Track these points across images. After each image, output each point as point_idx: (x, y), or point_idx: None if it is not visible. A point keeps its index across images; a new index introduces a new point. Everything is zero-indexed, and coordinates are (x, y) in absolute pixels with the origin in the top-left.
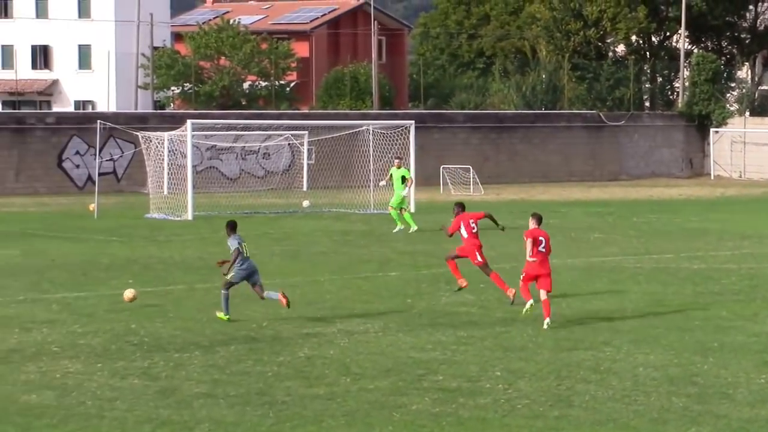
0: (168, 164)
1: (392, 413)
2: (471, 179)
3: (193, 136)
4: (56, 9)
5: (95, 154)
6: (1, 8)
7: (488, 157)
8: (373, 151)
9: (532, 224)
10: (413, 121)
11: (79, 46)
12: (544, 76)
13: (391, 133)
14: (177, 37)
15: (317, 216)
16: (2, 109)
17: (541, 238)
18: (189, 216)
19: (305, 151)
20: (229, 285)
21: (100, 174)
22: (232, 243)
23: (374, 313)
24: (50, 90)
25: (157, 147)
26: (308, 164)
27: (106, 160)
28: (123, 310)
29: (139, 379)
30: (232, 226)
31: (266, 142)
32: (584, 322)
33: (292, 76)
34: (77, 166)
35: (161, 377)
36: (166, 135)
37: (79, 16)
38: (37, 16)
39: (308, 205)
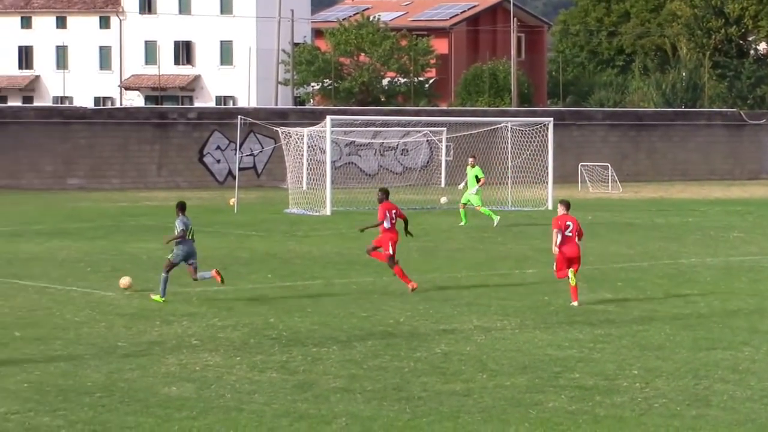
0: (307, 160)
1: (528, 410)
2: (609, 177)
3: (332, 131)
4: (199, 5)
5: (236, 149)
6: (145, 5)
7: (627, 155)
8: (512, 148)
9: (561, 210)
10: (552, 119)
11: (221, 42)
12: (684, 74)
13: (529, 130)
14: (317, 33)
15: (455, 212)
16: (145, 104)
17: (568, 222)
18: (327, 211)
19: (443, 148)
20: (170, 266)
21: (240, 169)
22: (179, 223)
23: (511, 309)
24: (192, 85)
25: (296, 142)
26: (446, 161)
27: (247, 155)
28: (262, 304)
29: (278, 373)
30: (181, 207)
31: (405, 138)
32: (723, 321)
33: (431, 73)
34: (218, 161)
35: (299, 371)
36: (305, 131)
37: (221, 13)
38: (180, 12)
39: (446, 201)
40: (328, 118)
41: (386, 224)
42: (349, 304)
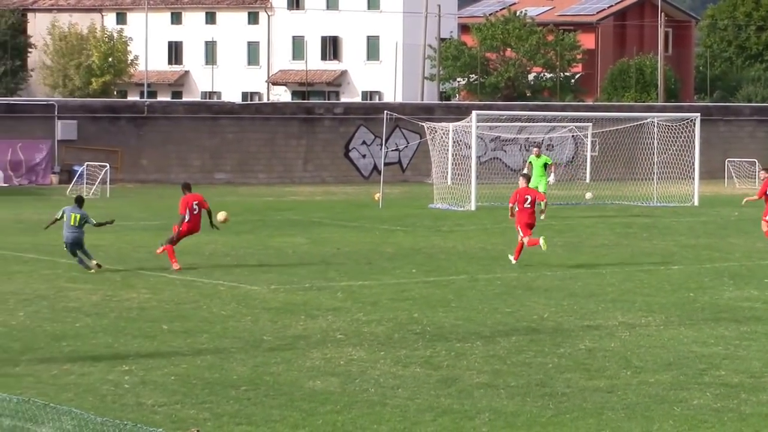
0: (452, 155)
1: (673, 407)
2: (756, 173)
3: (477, 127)
4: (346, 1)
5: (381, 144)
6: (293, 1)
7: None
8: (657, 143)
9: (522, 183)
10: (699, 114)
11: (368, 37)
12: None
13: (675, 125)
14: (464, 28)
15: (600, 208)
16: (292, 99)
17: (527, 196)
18: (472, 206)
19: (589, 143)
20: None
21: (385, 164)
22: (65, 210)
23: (656, 306)
24: (339, 80)
25: (441, 138)
26: (591, 156)
27: (392, 150)
28: (406, 299)
29: (421, 368)
30: (78, 201)
31: (550, 133)
32: None
33: (578, 68)
34: (363, 156)
35: (443, 366)
36: (451, 126)
37: (368, 8)
38: (328, 8)
39: (591, 197)
40: (474, 113)
41: (187, 217)
42: (493, 299)
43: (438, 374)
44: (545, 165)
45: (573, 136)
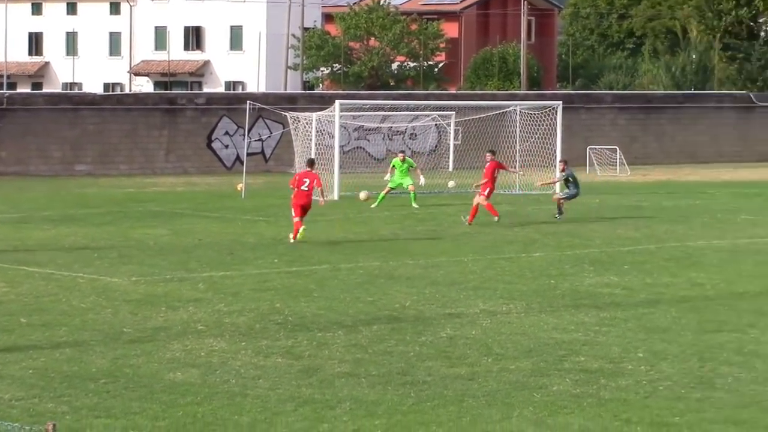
0: (315, 144)
1: (533, 394)
2: (618, 160)
3: (340, 116)
4: None
5: (244, 135)
6: None
7: (636, 138)
8: (520, 131)
9: (305, 168)
10: (561, 102)
11: (231, 27)
12: (694, 57)
13: (538, 113)
14: (327, 18)
15: (462, 196)
16: (154, 89)
17: (305, 179)
18: (335, 196)
19: (452, 132)
20: None
21: (248, 154)
22: None
23: (517, 293)
24: (201, 71)
25: (305, 127)
26: (455, 144)
27: (255, 141)
28: (268, 289)
29: (283, 358)
30: None
31: (413, 122)
32: (729, 304)
33: (441, 57)
34: (226, 147)
35: (304, 356)
36: (314, 115)
37: None
38: None
39: (454, 185)
40: (337, 102)
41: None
42: (355, 288)
43: (299, 364)
44: (410, 168)
45: (436, 124)
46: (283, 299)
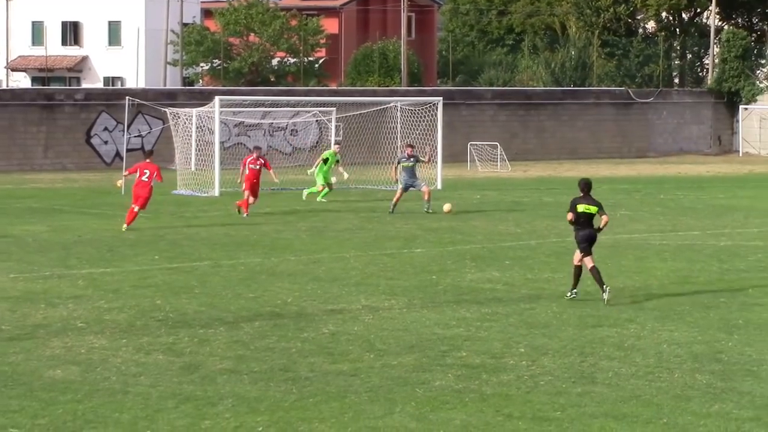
0: (196, 140)
1: (415, 389)
2: (498, 156)
3: (221, 112)
4: None
5: (123, 131)
6: None
7: (516, 134)
8: (401, 127)
9: (144, 160)
10: (441, 98)
11: (109, 22)
12: (573, 53)
13: (419, 109)
14: (207, 13)
15: (344, 192)
16: (32, 85)
17: (146, 170)
18: (216, 192)
19: (333, 128)
20: None
21: (128, 150)
22: None
23: (399, 289)
24: (80, 66)
25: (185, 123)
26: (336, 141)
27: (134, 136)
28: (149, 286)
29: (164, 355)
30: None
31: (294, 118)
32: (609, 299)
33: (321, 53)
34: (105, 143)
35: (186, 353)
36: (194, 111)
37: None
38: None
39: (335, 181)
40: (217, 98)
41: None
42: (236, 284)
43: (181, 361)
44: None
45: (317, 121)
46: (164, 296)
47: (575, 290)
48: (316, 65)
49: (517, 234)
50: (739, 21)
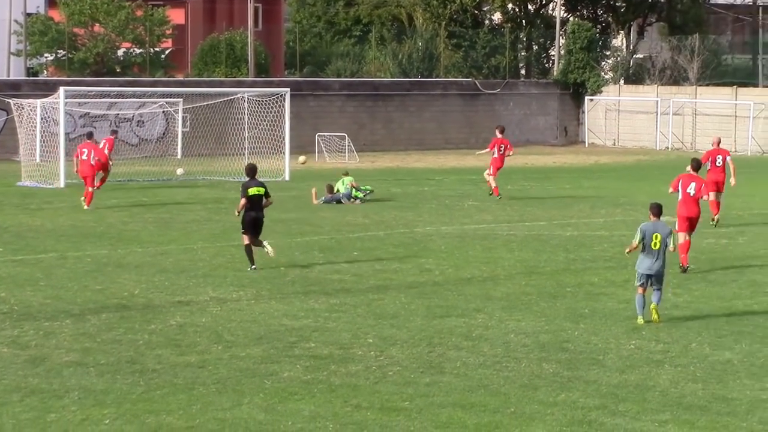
0: (40, 132)
1: (264, 381)
2: (346, 147)
3: (66, 103)
4: None
5: None
6: None
7: (364, 125)
8: (249, 118)
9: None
10: (288, 89)
11: None
12: (420, 44)
13: (266, 100)
14: (51, 3)
15: (191, 184)
16: None
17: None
18: (61, 184)
19: (180, 119)
20: None
21: None
22: None
23: (247, 281)
24: None
25: (29, 114)
26: (183, 132)
27: None
28: None
29: (8, 348)
30: None
31: (140, 109)
32: (457, 289)
33: (168, 44)
34: None
35: (31, 346)
36: (38, 102)
37: None
38: None
39: (182, 172)
40: (61, 89)
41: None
42: (82, 277)
43: (26, 354)
44: None
45: (164, 111)
46: (9, 288)
47: None
48: (163, 56)
49: (365, 225)
50: (585, 13)
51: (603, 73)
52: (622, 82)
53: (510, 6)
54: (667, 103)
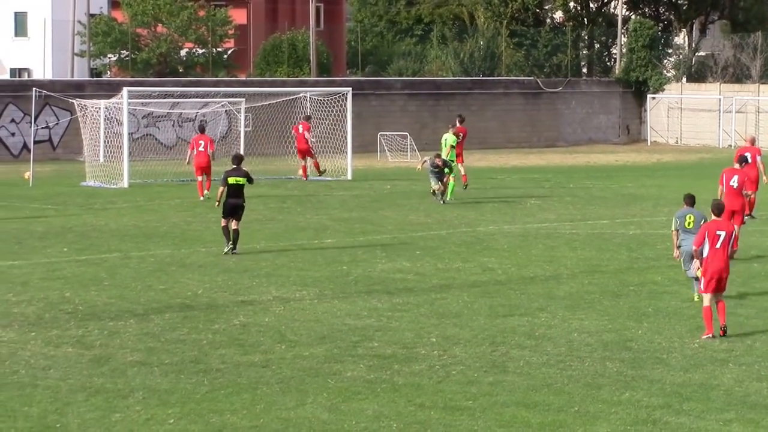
0: (104, 132)
1: (327, 380)
2: (408, 146)
3: (129, 103)
4: None
5: (31, 122)
6: None
7: (426, 124)
8: (311, 118)
9: None
10: (350, 88)
11: (15, 13)
12: (481, 43)
13: (328, 100)
14: (114, 4)
15: (254, 183)
16: None
17: None
18: (125, 184)
19: (242, 119)
20: None
21: (35, 142)
22: None
23: (310, 280)
24: None
25: (93, 115)
26: (245, 131)
27: (42, 128)
28: (57, 279)
29: (73, 348)
30: None
31: (203, 109)
32: (520, 288)
33: (230, 44)
34: (12, 134)
35: (95, 345)
36: (102, 103)
37: None
38: None
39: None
40: (125, 89)
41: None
42: (146, 276)
43: (90, 354)
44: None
45: (226, 111)
46: (73, 288)
47: None
48: (225, 56)
49: (428, 224)
50: (646, 11)
51: (665, 71)
52: (684, 80)
53: (572, 4)
54: (729, 101)
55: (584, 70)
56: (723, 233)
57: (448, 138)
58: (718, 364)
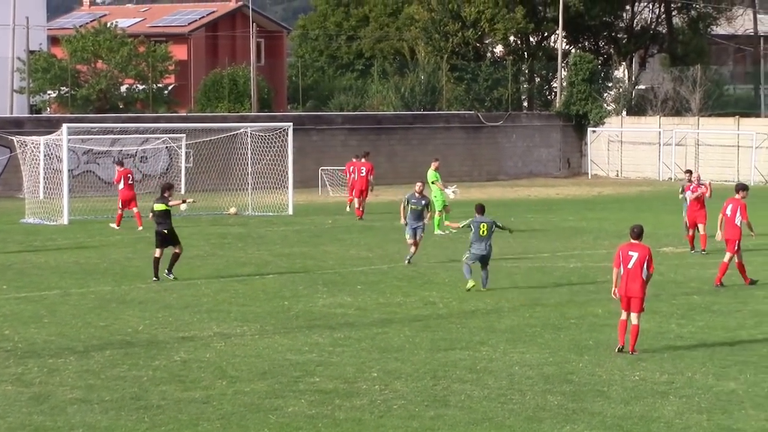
0: (44, 168)
1: (268, 416)
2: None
3: (69, 140)
4: None
5: None
6: None
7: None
8: (252, 153)
9: None
10: (291, 124)
11: None
12: (422, 77)
13: (269, 135)
14: (53, 40)
15: (195, 219)
16: None
17: None
18: (65, 220)
19: (183, 154)
20: None
21: None
22: None
23: (251, 315)
24: None
25: (33, 151)
26: (186, 167)
27: None
28: None
29: (12, 386)
30: None
31: (144, 145)
32: (461, 321)
33: (170, 79)
34: None
35: (35, 383)
36: (42, 139)
37: None
38: None
39: (185, 207)
40: (65, 126)
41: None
42: (86, 313)
43: (30, 391)
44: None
45: (167, 147)
46: (13, 325)
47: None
48: (165, 92)
49: (369, 258)
50: (586, 44)
51: (605, 105)
52: (624, 113)
53: (512, 39)
54: (669, 133)
55: (525, 103)
56: (635, 254)
57: (430, 174)
58: (659, 397)
